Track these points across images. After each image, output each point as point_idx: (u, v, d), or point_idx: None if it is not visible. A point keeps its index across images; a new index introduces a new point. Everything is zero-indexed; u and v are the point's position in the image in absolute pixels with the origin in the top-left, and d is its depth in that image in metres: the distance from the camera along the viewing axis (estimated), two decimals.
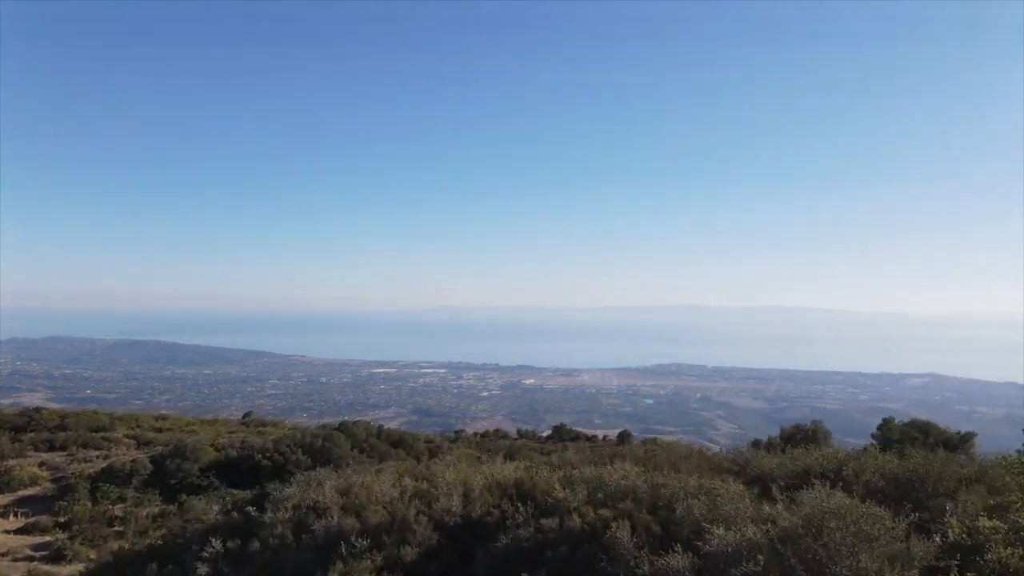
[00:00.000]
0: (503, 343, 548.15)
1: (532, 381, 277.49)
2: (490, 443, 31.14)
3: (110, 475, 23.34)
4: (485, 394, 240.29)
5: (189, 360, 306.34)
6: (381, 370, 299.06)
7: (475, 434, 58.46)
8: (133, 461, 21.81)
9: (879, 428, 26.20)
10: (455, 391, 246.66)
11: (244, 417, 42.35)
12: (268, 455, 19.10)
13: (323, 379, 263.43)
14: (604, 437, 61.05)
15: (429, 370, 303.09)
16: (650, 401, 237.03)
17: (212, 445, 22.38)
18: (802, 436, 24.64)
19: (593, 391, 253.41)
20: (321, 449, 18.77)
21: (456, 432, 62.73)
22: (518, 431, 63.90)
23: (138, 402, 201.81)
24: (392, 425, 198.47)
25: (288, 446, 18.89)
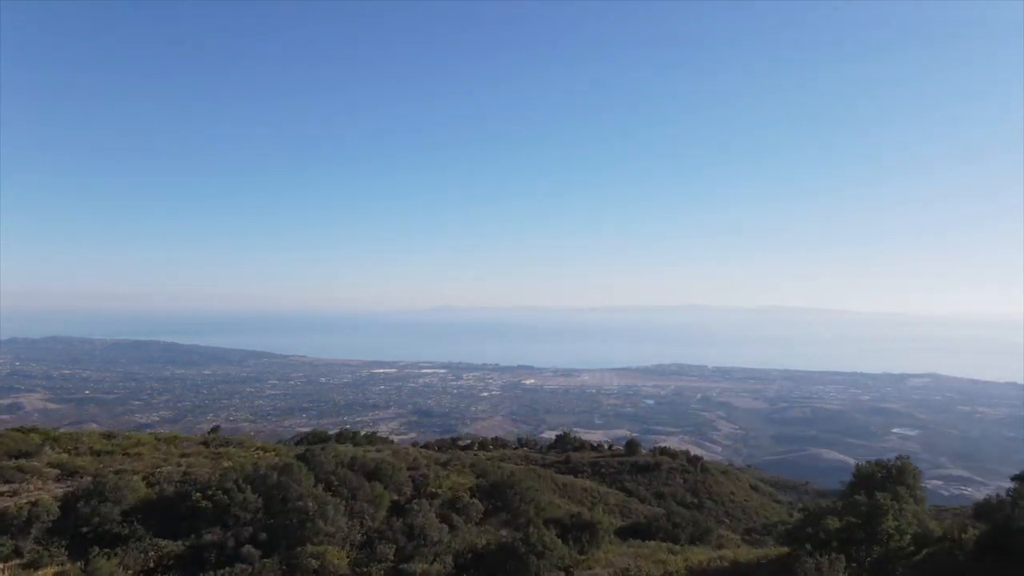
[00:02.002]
0: (503, 343, 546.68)
1: (532, 381, 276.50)
2: (488, 463, 29.50)
3: (3, 522, 17.92)
4: (485, 394, 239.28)
5: (189, 360, 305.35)
6: (381, 370, 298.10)
7: (472, 443, 56.99)
8: (33, 504, 16.88)
9: None
10: (455, 391, 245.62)
11: (210, 433, 36.64)
12: (210, 494, 14.83)
13: (323, 379, 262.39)
14: (611, 447, 59.27)
15: (429, 370, 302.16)
16: (650, 401, 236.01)
17: (148, 477, 17.68)
18: (884, 476, 19.17)
19: (593, 391, 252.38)
20: (277, 485, 15.06)
21: (452, 439, 61.44)
22: (519, 439, 62.54)
23: (137, 402, 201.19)
24: (392, 425, 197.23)
25: (235, 482, 14.97)
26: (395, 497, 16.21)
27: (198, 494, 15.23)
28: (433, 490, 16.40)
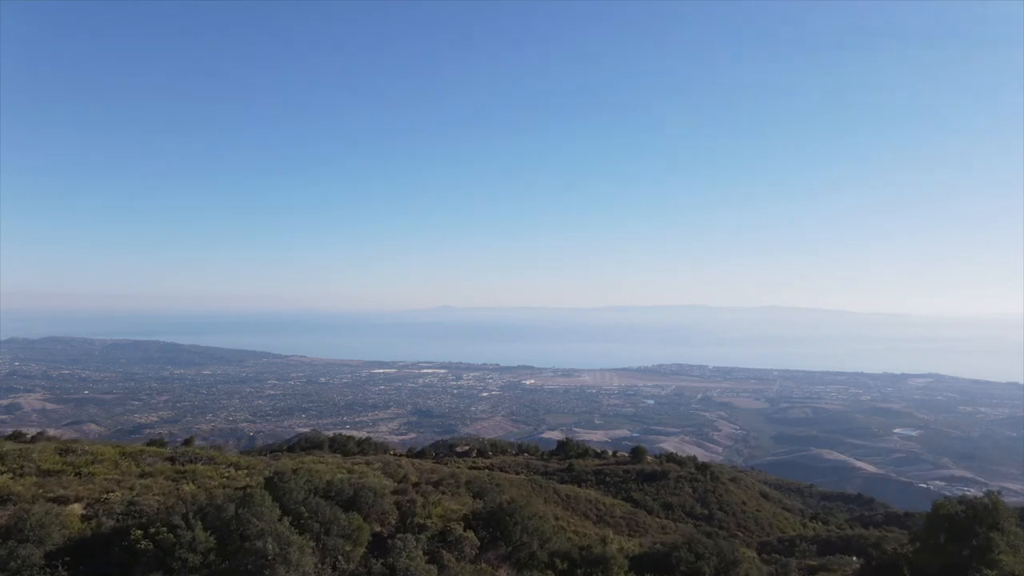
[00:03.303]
0: (503, 343, 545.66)
1: (532, 381, 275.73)
2: (486, 480, 27.90)
3: None
4: (485, 394, 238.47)
5: (188, 360, 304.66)
6: (381, 370, 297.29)
7: (471, 449, 55.48)
8: None
9: None
10: (455, 391, 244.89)
11: (183, 445, 31.37)
12: (152, 531, 12.02)
13: (322, 379, 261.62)
14: (615, 453, 58.08)
15: (429, 370, 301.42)
16: (651, 401, 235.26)
17: (88, 507, 14.86)
18: (970, 516, 15.68)
19: (594, 391, 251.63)
20: (235, 519, 12.43)
21: (450, 445, 60.15)
22: (519, 446, 61.09)
23: (136, 402, 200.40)
24: (392, 425, 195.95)
25: (184, 516, 12.22)
26: (377, 528, 14.15)
27: (138, 531, 12.02)
28: (421, 521, 14.71)
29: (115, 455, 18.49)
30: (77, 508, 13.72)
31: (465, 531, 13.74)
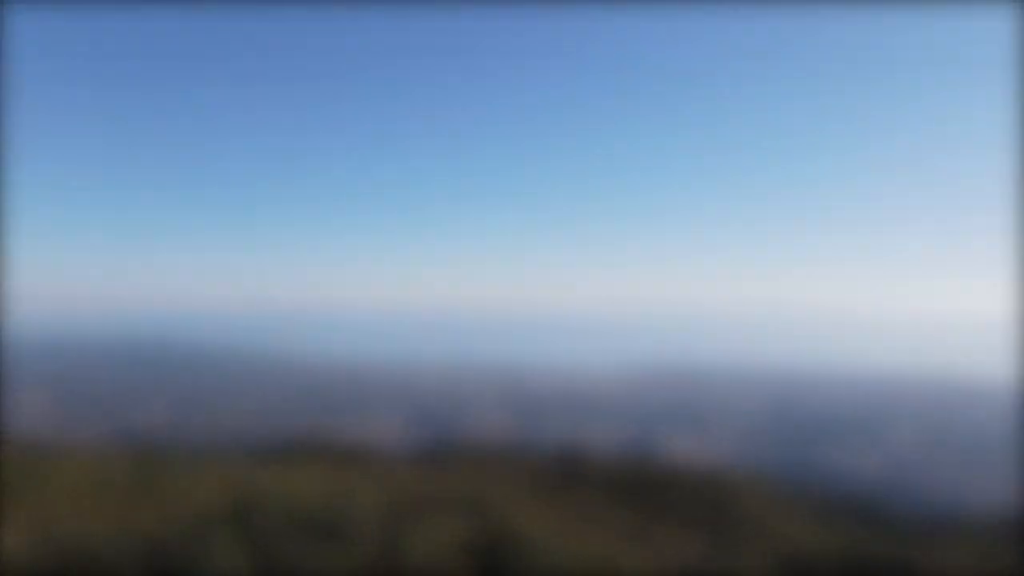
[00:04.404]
0: (503, 343, 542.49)
1: (532, 381, 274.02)
2: (484, 494, 27.13)
3: None
4: (485, 395, 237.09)
5: (188, 360, 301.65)
6: (380, 370, 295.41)
7: (468, 454, 54.74)
8: None
9: None
10: (455, 391, 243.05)
11: (164, 453, 28.11)
12: None
13: (323, 379, 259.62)
14: (619, 458, 57.40)
15: (429, 370, 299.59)
16: (652, 402, 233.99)
17: (28, 537, 12.41)
18: None
19: (594, 391, 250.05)
20: (191, 558, 10.22)
21: (447, 449, 59.48)
22: (519, 450, 60.03)
23: (136, 403, 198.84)
24: (391, 425, 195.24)
25: (127, 559, 9.67)
26: (359, 560, 12.56)
27: None
28: (409, 550, 13.34)
29: (83, 468, 17.14)
30: (14, 541, 11.98)
31: (459, 559, 12.63)
